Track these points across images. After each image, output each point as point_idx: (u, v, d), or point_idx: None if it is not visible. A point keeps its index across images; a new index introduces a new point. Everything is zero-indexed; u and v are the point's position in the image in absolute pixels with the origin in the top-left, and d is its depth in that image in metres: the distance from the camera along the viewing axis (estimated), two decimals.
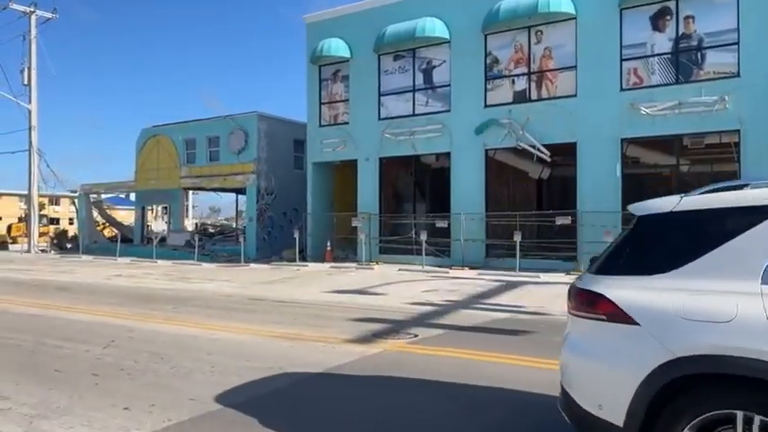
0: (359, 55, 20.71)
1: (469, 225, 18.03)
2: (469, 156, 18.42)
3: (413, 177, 21.03)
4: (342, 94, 21.35)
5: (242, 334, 7.68)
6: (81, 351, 6.71)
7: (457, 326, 8.25)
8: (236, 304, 10.90)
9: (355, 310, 9.94)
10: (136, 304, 10.82)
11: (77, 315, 9.44)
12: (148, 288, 13.99)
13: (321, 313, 9.65)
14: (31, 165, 31.19)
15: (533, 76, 17.51)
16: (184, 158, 27.18)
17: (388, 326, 8.29)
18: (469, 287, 13.40)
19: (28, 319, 9.02)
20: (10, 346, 7.04)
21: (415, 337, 7.33)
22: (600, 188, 16.22)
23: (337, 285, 14.17)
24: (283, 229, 26.15)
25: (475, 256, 17.94)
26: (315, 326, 8.28)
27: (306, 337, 7.42)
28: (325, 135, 21.62)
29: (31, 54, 31.01)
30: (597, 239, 15.63)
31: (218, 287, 14.15)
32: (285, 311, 9.88)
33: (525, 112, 17.40)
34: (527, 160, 20.37)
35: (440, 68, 19.16)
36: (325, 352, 6.51)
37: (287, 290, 13.54)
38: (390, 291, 13.01)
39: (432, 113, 19.20)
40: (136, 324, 8.51)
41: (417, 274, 16.30)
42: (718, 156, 17.03)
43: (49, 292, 12.94)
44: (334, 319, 8.90)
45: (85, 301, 11.33)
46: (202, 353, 6.53)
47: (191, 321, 8.78)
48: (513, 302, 11.01)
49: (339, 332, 7.72)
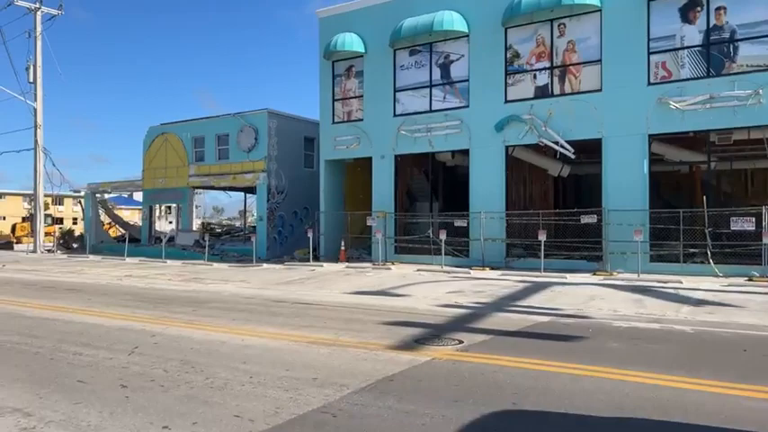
0: (373, 50, 20.21)
1: (489, 224, 17.51)
2: (489, 153, 17.91)
3: (429, 175, 20.52)
4: (356, 91, 20.84)
5: (274, 339, 7.18)
6: (104, 358, 6.22)
7: (500, 330, 7.75)
8: (258, 306, 10.41)
9: (384, 313, 9.45)
10: (153, 306, 10.34)
11: (94, 318, 8.96)
12: (163, 289, 13.51)
13: (350, 316, 9.15)
14: (37, 163, 30.74)
15: (556, 70, 16.98)
16: (193, 157, 26.69)
17: (426, 330, 7.79)
18: (496, 288, 12.90)
19: (43, 323, 8.54)
20: (27, 353, 6.55)
21: (460, 343, 6.82)
22: (626, 186, 15.69)
23: (357, 286, 13.68)
24: (294, 229, 25.71)
25: (495, 256, 17.42)
26: (349, 330, 7.78)
27: (344, 342, 6.92)
28: (338, 132, 21.12)
29: (37, 51, 30.56)
30: (624, 238, 15.17)
31: (235, 288, 13.66)
32: (312, 314, 9.39)
33: (548, 108, 16.88)
34: (546, 157, 19.90)
35: (458, 63, 18.65)
36: (369, 360, 6.01)
37: (306, 291, 13.05)
38: (414, 292, 12.51)
39: (449, 109, 18.68)
40: (157, 328, 8.02)
41: (438, 275, 15.79)
42: (749, 152, 16.51)
43: (60, 294, 12.46)
44: (366, 323, 8.40)
45: (100, 303, 10.85)
46: (236, 361, 6.04)
47: (215, 325, 8.28)
48: (546, 305, 10.51)
49: (377, 337, 7.23)
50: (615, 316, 9.20)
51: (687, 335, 7.60)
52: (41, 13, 30.90)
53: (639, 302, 10.72)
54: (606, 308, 10.10)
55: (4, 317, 9.18)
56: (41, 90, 30.69)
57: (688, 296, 11.33)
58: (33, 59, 30.54)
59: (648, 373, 5.36)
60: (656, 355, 6.30)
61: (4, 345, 6.99)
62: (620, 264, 15.43)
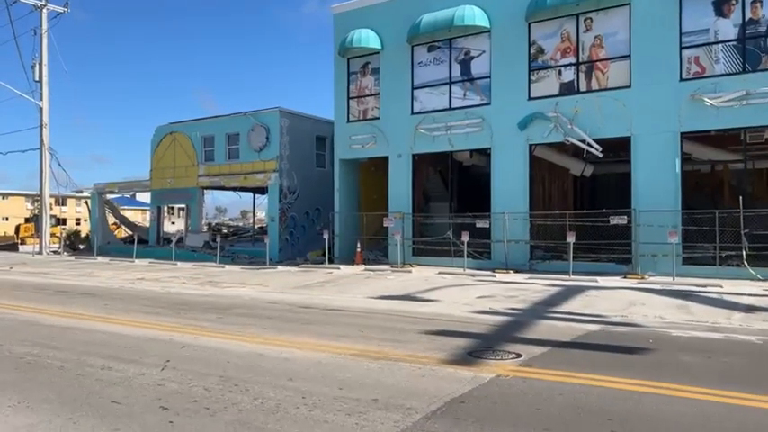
0: (390, 46, 19.68)
1: (512, 225, 16.98)
2: (511, 151, 17.37)
3: (449, 175, 19.99)
4: (371, 88, 20.32)
5: (314, 351, 6.66)
6: (135, 374, 5.71)
7: (554, 341, 7.21)
8: (285, 313, 9.89)
9: (421, 321, 8.92)
10: (175, 313, 9.82)
11: (116, 327, 8.44)
12: (180, 294, 12.99)
13: (385, 324, 8.63)
14: (43, 163, 30.25)
15: (582, 66, 16.44)
16: (202, 156, 26.16)
17: (474, 341, 7.26)
18: (527, 293, 12.37)
19: (62, 333, 8.02)
20: (52, 367, 6.04)
21: (518, 357, 6.29)
22: (657, 186, 15.15)
23: (380, 290, 13.16)
24: (305, 230, 25.18)
25: (518, 258, 16.88)
26: (391, 341, 7.25)
27: (391, 355, 6.39)
28: (353, 131, 20.59)
29: (43, 49, 30.08)
30: (655, 240, 14.64)
31: (254, 292, 13.15)
32: (345, 322, 8.86)
33: (574, 105, 16.34)
34: (568, 156, 19.37)
35: (479, 59, 18.11)
36: (427, 376, 5.48)
37: (329, 296, 12.53)
38: (442, 297, 11.98)
39: (470, 107, 18.15)
40: (186, 338, 7.50)
41: (462, 278, 15.27)
42: None
43: (74, 299, 11.95)
44: (406, 332, 7.87)
45: (119, 309, 10.33)
46: (281, 377, 5.51)
47: (247, 335, 7.76)
48: (586, 311, 9.98)
49: (425, 349, 6.70)
50: (665, 324, 8.68)
51: (756, 346, 7.07)
52: (47, 10, 30.44)
53: (685, 308, 10.18)
54: (651, 314, 9.58)
55: (20, 325, 8.66)
56: (47, 88, 30.22)
57: (734, 302, 10.79)
58: (39, 57, 30.06)
59: (745, 395, 4.83)
60: (739, 371, 5.77)
61: (26, 358, 6.47)
62: (651, 266, 14.89)
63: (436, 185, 22.05)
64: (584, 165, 19.25)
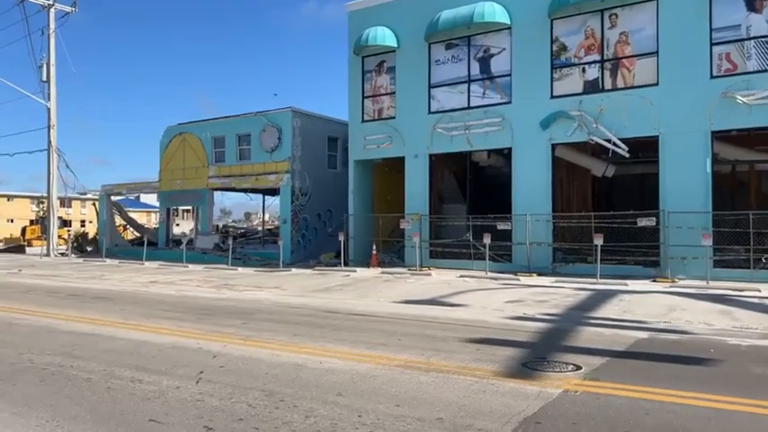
0: (407, 44, 19.27)
1: (534, 227, 16.53)
2: (533, 151, 16.92)
3: (467, 175, 19.54)
4: (387, 87, 19.90)
5: (355, 361, 6.23)
6: (169, 387, 5.28)
7: (608, 351, 6.76)
8: (311, 318, 9.46)
9: (456, 327, 8.49)
10: (197, 318, 9.40)
11: (137, 333, 8.02)
12: (197, 297, 12.57)
13: (421, 332, 8.19)
14: (50, 165, 29.92)
15: (607, 63, 16.00)
16: (212, 157, 25.78)
17: (522, 351, 6.82)
18: (557, 297, 11.92)
19: (82, 340, 7.60)
20: (78, 379, 5.62)
21: (577, 369, 5.85)
22: (686, 186, 14.69)
23: (403, 294, 12.72)
24: (317, 232, 24.78)
25: (540, 260, 16.43)
26: (433, 350, 6.82)
27: (440, 367, 5.95)
28: (368, 131, 20.18)
29: (50, 49, 29.77)
30: (685, 242, 14.18)
31: (274, 296, 12.72)
32: (378, 329, 8.43)
33: (598, 104, 15.89)
34: (589, 156, 18.90)
35: (499, 57, 17.69)
36: (488, 392, 5.04)
37: (351, 299, 12.10)
38: (469, 301, 11.54)
39: (490, 106, 17.72)
40: (215, 346, 7.07)
41: (484, 282, 14.82)
42: None
43: (89, 303, 11.54)
44: (446, 341, 7.43)
45: (137, 314, 9.92)
46: (328, 391, 5.08)
47: (278, 342, 7.34)
48: (626, 316, 9.54)
49: (474, 360, 6.27)
50: (715, 331, 8.22)
51: None
52: (55, 10, 30.13)
53: (728, 314, 9.72)
54: (695, 320, 9.12)
55: (38, 332, 8.25)
56: (55, 89, 29.89)
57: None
58: (47, 57, 29.76)
59: None
60: None
61: (49, 368, 6.06)
62: (680, 269, 14.44)
63: (450, 186, 21.61)
64: (606, 165, 18.76)
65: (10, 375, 5.84)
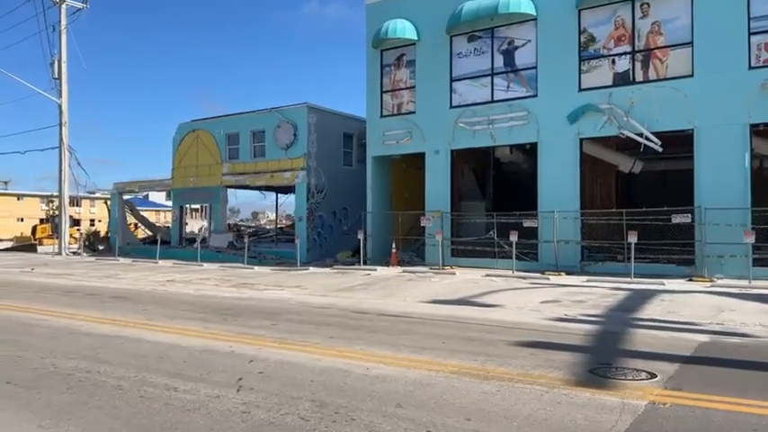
0: (427, 37, 18.75)
1: (561, 224, 15.98)
2: (560, 146, 16.36)
3: (490, 171, 19.02)
4: (406, 81, 19.39)
5: (404, 367, 5.74)
6: (209, 396, 4.82)
7: (674, 356, 6.24)
8: (342, 319, 8.99)
9: (499, 330, 7.99)
10: (223, 319, 8.95)
11: (164, 335, 7.58)
12: (217, 297, 12.14)
13: (463, 334, 7.70)
14: (62, 163, 29.60)
15: (638, 54, 15.42)
16: (226, 154, 25.37)
17: (581, 355, 6.32)
18: (594, 297, 11.39)
19: (107, 343, 7.17)
20: (107, 387, 5.16)
21: (652, 376, 5.33)
22: (723, 182, 14.08)
23: (430, 294, 12.23)
24: (333, 230, 24.32)
25: (568, 259, 15.87)
26: (484, 355, 6.32)
27: (500, 374, 5.46)
28: (387, 126, 19.67)
29: (62, 46, 29.46)
30: (723, 240, 13.58)
31: (297, 296, 12.26)
32: (415, 330, 7.94)
33: (629, 96, 15.31)
34: (615, 152, 18.33)
35: (523, 49, 17.13)
36: (564, 403, 4.54)
37: (377, 299, 11.63)
38: (502, 301, 11.03)
39: (514, 99, 17.17)
40: (249, 350, 6.61)
41: (513, 281, 14.30)
42: None
43: (108, 303, 11.13)
44: (495, 344, 6.94)
45: (160, 314, 9.49)
46: (387, 403, 4.60)
47: (314, 345, 6.87)
48: (674, 318, 9.01)
49: (533, 366, 5.77)
50: None
51: None
52: (66, 6, 29.82)
53: None
54: (749, 322, 8.59)
55: (59, 334, 7.83)
56: (66, 86, 29.60)
57: None
58: (58, 54, 29.46)
59: None
60: None
61: (75, 374, 5.62)
62: (717, 268, 13.86)
63: (469, 183, 21.09)
64: (634, 161, 18.20)
65: (34, 382, 5.40)
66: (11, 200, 72.74)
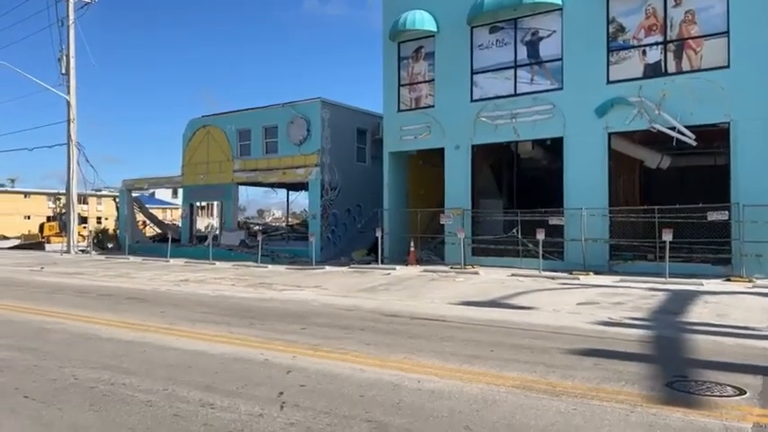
0: (447, 28, 18.16)
1: (589, 222, 15.40)
2: (587, 140, 15.76)
3: (514, 167, 18.44)
4: (425, 74, 18.82)
5: (458, 380, 5.21)
6: (251, 415, 4.30)
7: (755, 367, 5.68)
8: (374, 323, 8.45)
9: (546, 335, 7.45)
10: (248, 323, 8.43)
11: (189, 342, 7.07)
12: (237, 298, 11.64)
13: (508, 340, 7.16)
14: (70, 160, 29.19)
15: (671, 45, 14.79)
16: (237, 151, 24.88)
17: (649, 366, 5.76)
18: (632, 298, 10.82)
19: (129, 350, 6.66)
20: (136, 403, 4.65)
21: (740, 392, 4.77)
22: (762, 177, 13.47)
23: (458, 295, 11.69)
24: (347, 228, 23.79)
25: (596, 258, 15.28)
26: (544, 366, 5.78)
27: (568, 389, 4.92)
28: (404, 121, 19.12)
29: (70, 41, 29.03)
30: (762, 238, 12.98)
31: (319, 296, 11.75)
32: (459, 337, 7.40)
33: (661, 89, 14.70)
34: (642, 147, 17.71)
35: (548, 40, 16.53)
36: (657, 426, 3.99)
37: (404, 301, 11.10)
38: (535, 303, 10.48)
39: (539, 92, 16.57)
40: (283, 358, 6.09)
41: (541, 281, 13.73)
42: None
43: (124, 304, 10.65)
44: (548, 352, 6.40)
45: (180, 318, 8.99)
46: (453, 425, 4.07)
47: (353, 353, 6.34)
48: (727, 322, 8.44)
49: (601, 379, 5.22)
50: None
51: None
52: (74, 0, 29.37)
53: None
54: None
55: (76, 339, 7.33)
56: (74, 81, 29.16)
57: None
58: (66, 49, 29.02)
59: None
60: None
61: (98, 387, 5.11)
62: (755, 268, 13.26)
63: (486, 180, 20.50)
64: (661, 156, 17.58)
65: (54, 396, 4.89)
66: (18, 197, 72.59)
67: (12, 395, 4.95)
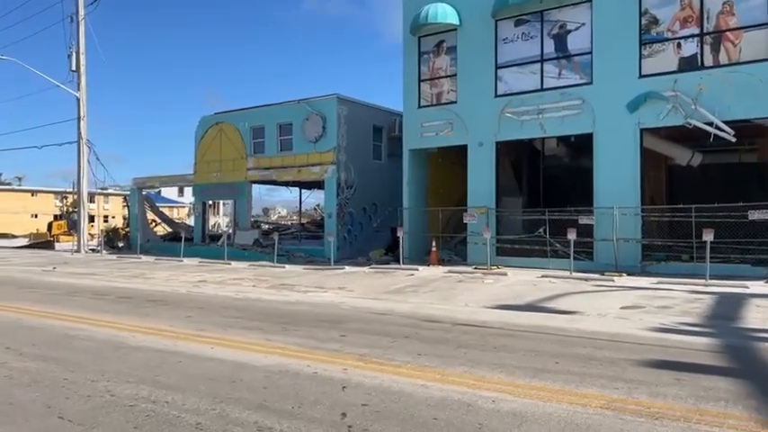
0: (470, 21, 17.63)
1: (620, 221, 14.85)
2: (618, 137, 15.21)
3: (539, 164, 17.92)
4: (447, 69, 18.29)
5: (534, 398, 4.71)
6: None
7: None
8: (416, 330, 7.95)
9: (605, 344, 6.94)
10: (282, 329, 7.94)
11: (225, 351, 6.58)
12: (263, 301, 11.16)
13: (570, 351, 6.65)
14: (80, 158, 28.78)
15: (707, 37, 14.23)
16: (251, 149, 24.42)
17: (742, 382, 5.25)
18: (677, 302, 10.30)
19: (163, 361, 6.18)
20: (183, 426, 4.16)
21: None
22: None
23: (492, 298, 11.19)
24: (363, 227, 23.33)
25: (627, 259, 14.74)
26: (623, 381, 5.27)
27: (664, 410, 4.40)
28: (425, 117, 18.60)
29: (80, 37, 28.60)
30: None
31: (346, 299, 11.26)
32: (513, 346, 6.89)
33: (697, 83, 14.14)
34: (673, 143, 17.14)
35: (577, 33, 15.97)
36: None
37: (434, 304, 10.61)
38: (577, 307, 9.97)
39: (567, 87, 16.03)
40: (333, 371, 5.60)
41: (575, 283, 13.19)
42: None
43: (145, 308, 10.18)
44: (616, 364, 5.88)
45: (209, 322, 8.51)
46: None
47: (405, 365, 5.84)
48: None
49: (696, 398, 4.70)
50: None
51: None
52: None
53: None
54: None
55: (103, 348, 6.85)
56: (85, 78, 28.74)
57: None
58: (76, 46, 28.60)
59: None
60: None
61: (138, 405, 4.63)
62: None
63: (506, 177, 19.96)
64: (692, 153, 17.01)
65: (91, 417, 4.41)
66: (25, 196, 72.42)
67: (45, 415, 4.48)
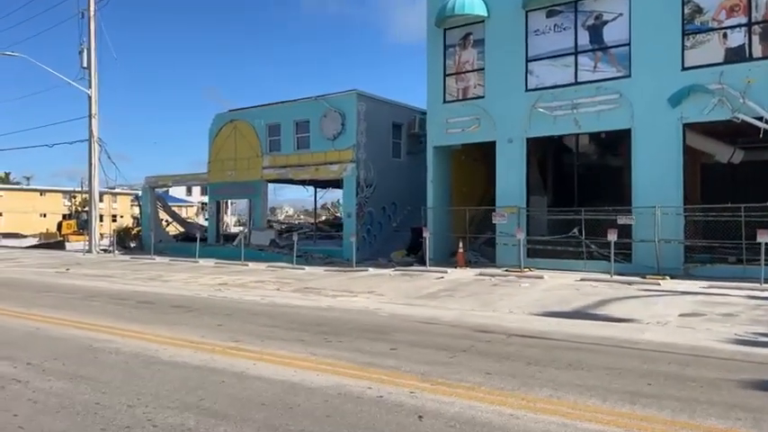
0: (498, 12, 16.90)
1: (662, 222, 14.10)
2: (659, 132, 14.46)
3: (574, 161, 17.16)
4: (474, 63, 17.57)
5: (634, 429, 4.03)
6: None
7: None
8: (474, 342, 7.24)
9: (693, 361, 6.24)
10: (323, 340, 7.26)
11: (269, 368, 5.91)
12: (292, 306, 10.51)
13: (655, 368, 5.95)
14: (92, 156, 28.25)
15: (756, 27, 13.45)
16: (267, 146, 23.81)
17: None
18: (740, 308, 9.58)
19: (203, 381, 5.51)
20: None
21: None
22: None
23: (536, 304, 10.51)
24: (382, 227, 22.68)
25: (668, 261, 13.97)
26: (740, 409, 4.57)
27: None
28: (451, 113, 17.88)
29: (91, 33, 28.08)
30: None
31: (381, 304, 10.58)
32: (589, 362, 6.19)
33: (745, 75, 13.36)
34: (713, 140, 16.35)
35: (613, 24, 15.22)
36: None
37: (476, 311, 9.94)
38: (630, 314, 9.27)
39: (603, 80, 15.28)
40: (400, 395, 4.91)
41: (619, 287, 12.45)
42: None
43: (172, 315, 9.55)
44: (717, 386, 5.18)
45: (242, 332, 7.85)
46: None
47: (477, 386, 5.15)
48: None
49: None
50: None
51: None
52: None
53: None
54: None
55: (134, 364, 6.20)
56: (96, 75, 28.21)
57: None
58: (87, 42, 28.07)
59: None
60: None
61: None
62: None
63: (533, 175, 19.20)
64: (734, 150, 16.22)
65: None
66: (34, 195, 72.23)
67: None
